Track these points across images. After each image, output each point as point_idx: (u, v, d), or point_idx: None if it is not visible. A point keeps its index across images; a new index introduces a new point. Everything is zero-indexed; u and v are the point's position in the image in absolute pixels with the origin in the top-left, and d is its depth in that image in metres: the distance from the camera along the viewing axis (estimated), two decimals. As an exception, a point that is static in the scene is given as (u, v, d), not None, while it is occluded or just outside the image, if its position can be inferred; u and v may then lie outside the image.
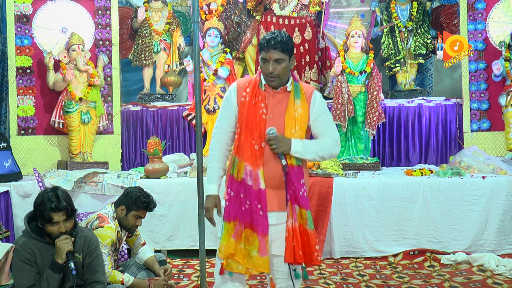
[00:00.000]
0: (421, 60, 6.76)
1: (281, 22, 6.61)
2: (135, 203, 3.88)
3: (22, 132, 5.95)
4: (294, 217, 2.85)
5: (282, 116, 2.90)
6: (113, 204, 3.99)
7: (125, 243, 4.16)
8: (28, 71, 5.95)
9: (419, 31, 6.69)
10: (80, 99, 5.76)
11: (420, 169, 5.67)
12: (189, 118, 6.46)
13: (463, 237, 5.12)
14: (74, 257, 3.09)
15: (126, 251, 4.47)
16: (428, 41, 6.68)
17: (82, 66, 5.75)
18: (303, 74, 6.65)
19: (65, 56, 5.74)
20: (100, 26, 6.18)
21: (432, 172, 5.62)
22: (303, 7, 6.65)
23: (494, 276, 4.57)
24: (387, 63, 6.86)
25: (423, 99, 6.57)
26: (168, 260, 4.76)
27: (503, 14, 6.36)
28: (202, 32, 6.43)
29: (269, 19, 6.65)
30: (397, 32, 6.70)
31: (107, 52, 6.19)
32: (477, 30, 6.41)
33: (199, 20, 6.34)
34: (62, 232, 3.03)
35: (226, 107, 2.99)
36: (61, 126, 5.88)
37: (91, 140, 5.93)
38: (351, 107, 5.97)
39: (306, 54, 6.65)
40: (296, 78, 3.00)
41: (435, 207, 5.14)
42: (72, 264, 3.00)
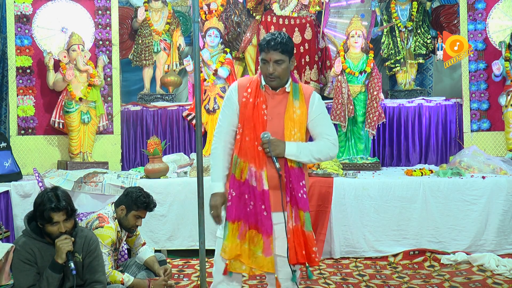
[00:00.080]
0: (421, 60, 6.76)
1: (281, 22, 6.62)
2: (135, 203, 3.88)
3: (22, 132, 5.95)
4: (294, 218, 2.86)
5: (281, 118, 2.90)
6: (113, 204, 3.99)
7: (125, 243, 4.16)
8: (28, 71, 5.95)
9: (419, 31, 6.70)
10: (80, 99, 5.76)
11: (420, 169, 5.67)
12: (189, 118, 6.46)
13: (463, 237, 5.12)
14: (74, 257, 3.09)
15: (126, 251, 4.47)
16: (428, 41, 6.68)
17: (82, 66, 5.75)
18: (303, 74, 6.65)
19: (65, 56, 5.74)
20: (100, 26, 6.19)
21: (432, 172, 5.62)
22: (303, 7, 6.65)
23: (494, 276, 4.57)
24: (387, 63, 6.86)
25: (423, 99, 6.57)
26: (168, 260, 4.76)
27: (503, 14, 6.36)
28: (202, 32, 6.43)
29: (269, 19, 6.65)
30: (397, 32, 6.70)
31: (107, 52, 6.19)
32: (477, 30, 6.41)
33: (199, 20, 6.34)
34: (62, 232, 3.03)
35: (228, 106, 2.99)
36: (61, 126, 5.88)
37: (91, 140, 5.93)
38: (351, 107, 5.97)
39: (306, 54, 6.65)
40: (296, 79, 3.00)
41: (435, 207, 5.14)
42: (72, 264, 3.00)
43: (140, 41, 6.64)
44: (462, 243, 5.11)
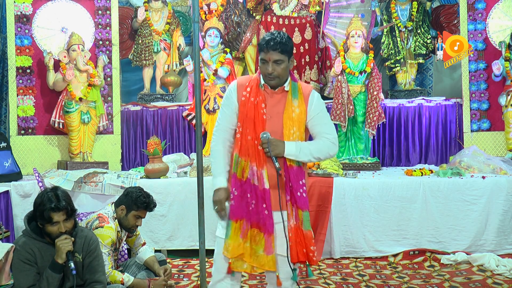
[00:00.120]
0: (421, 60, 6.76)
1: (281, 22, 6.62)
2: (135, 203, 3.88)
3: (22, 132, 5.95)
4: (294, 217, 2.87)
5: (280, 117, 2.91)
6: (113, 204, 3.99)
7: (125, 243, 4.16)
8: (28, 71, 5.95)
9: (419, 31, 6.69)
10: (80, 99, 5.76)
11: (420, 169, 5.67)
12: (189, 118, 6.46)
13: (463, 237, 5.12)
14: (74, 257, 3.09)
15: (126, 251, 4.47)
16: (428, 41, 6.68)
17: (82, 66, 5.75)
18: (303, 74, 6.65)
19: (65, 56, 5.74)
20: (100, 26, 6.19)
21: (432, 172, 5.62)
22: (303, 7, 6.65)
23: (494, 276, 4.57)
24: (387, 63, 6.86)
25: (423, 99, 6.57)
26: (168, 260, 4.76)
27: (503, 14, 6.36)
28: (202, 32, 6.43)
29: (269, 19, 6.65)
30: (397, 32, 6.70)
31: (107, 52, 6.19)
32: (477, 30, 6.41)
33: (199, 20, 6.34)
34: (62, 232, 3.03)
35: (227, 105, 3.00)
36: (61, 126, 5.88)
37: (91, 140, 5.93)
38: (351, 107, 5.97)
39: (306, 54, 6.65)
40: (295, 78, 3.00)
41: (435, 207, 5.14)
42: (72, 264, 3.00)
43: (140, 41, 6.64)
44: (462, 243, 5.11)
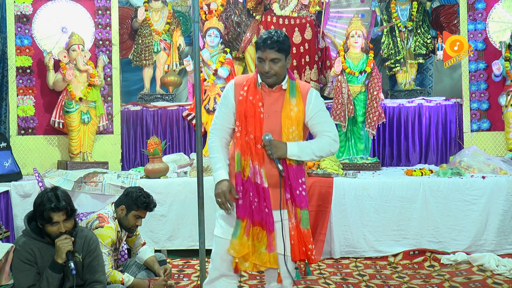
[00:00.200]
0: (421, 60, 6.76)
1: (281, 22, 6.62)
2: (135, 203, 3.88)
3: (22, 132, 5.95)
4: (294, 215, 2.88)
5: (278, 115, 2.91)
6: (113, 204, 3.99)
7: (125, 243, 4.16)
8: (28, 71, 5.95)
9: (419, 31, 6.70)
10: (80, 99, 5.76)
11: (420, 169, 5.67)
12: (189, 118, 6.46)
13: (463, 237, 5.12)
14: (74, 257, 3.09)
15: (126, 251, 4.47)
16: (428, 41, 6.68)
17: (82, 66, 5.75)
18: (303, 74, 6.65)
19: (65, 56, 5.74)
20: (100, 26, 6.19)
21: (432, 172, 5.62)
22: (303, 7, 6.65)
23: (494, 276, 4.57)
24: (387, 63, 6.86)
25: (423, 99, 6.57)
26: (168, 260, 4.76)
27: (503, 14, 6.36)
28: (202, 32, 6.43)
29: (269, 19, 6.65)
30: (397, 32, 6.70)
31: (107, 52, 6.19)
32: (477, 30, 6.41)
33: (199, 20, 6.34)
34: (62, 232, 3.03)
35: (224, 104, 3.00)
36: (61, 126, 5.88)
37: (91, 140, 5.93)
38: (351, 107, 5.97)
39: (306, 54, 6.66)
40: (292, 76, 3.00)
41: (435, 207, 5.14)
42: (72, 264, 3.00)
43: (140, 41, 6.64)
44: (462, 243, 5.10)
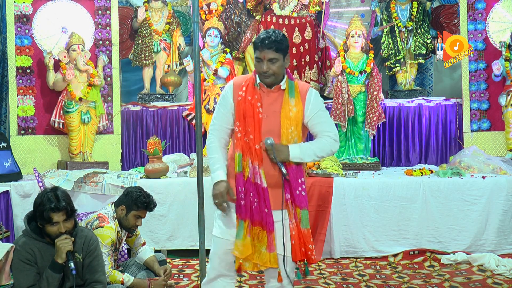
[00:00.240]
0: (421, 60, 6.76)
1: (281, 22, 6.62)
2: (135, 203, 3.88)
3: (22, 132, 5.95)
4: (294, 216, 2.89)
5: (277, 116, 2.90)
6: (113, 204, 3.99)
7: (125, 243, 4.16)
8: (28, 71, 5.95)
9: (419, 31, 6.70)
10: (80, 99, 5.76)
11: (420, 169, 5.67)
12: (189, 118, 6.46)
13: (463, 237, 5.12)
14: (74, 257, 3.09)
15: (126, 251, 4.47)
16: (428, 41, 6.68)
17: (82, 66, 5.75)
18: (303, 74, 6.65)
19: (65, 56, 5.74)
20: (100, 26, 6.19)
21: (432, 172, 5.62)
22: (303, 7, 6.65)
23: (494, 276, 4.57)
24: (387, 63, 6.86)
25: (423, 99, 6.57)
26: (168, 260, 4.76)
27: (503, 14, 6.36)
28: (202, 32, 6.43)
29: (269, 19, 6.65)
30: (397, 32, 6.70)
31: (107, 52, 6.19)
32: (477, 30, 6.41)
33: (199, 20, 6.34)
34: (62, 232, 3.03)
35: (223, 105, 3.00)
36: (61, 126, 5.88)
37: (91, 140, 5.93)
38: (351, 107, 5.97)
39: (306, 54, 6.66)
40: (291, 76, 2.99)
41: (435, 207, 5.14)
42: (72, 264, 3.00)
43: (140, 41, 6.64)
44: (462, 243, 5.11)
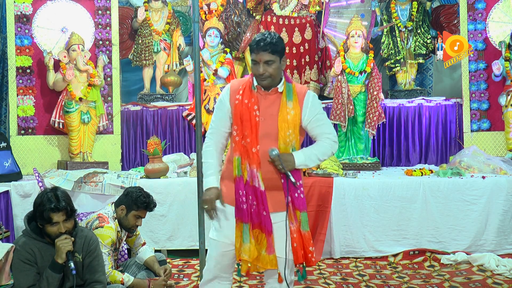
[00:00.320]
0: (421, 60, 6.76)
1: (281, 22, 6.62)
2: (135, 203, 3.88)
3: (22, 132, 5.95)
4: (294, 218, 2.89)
5: (275, 119, 2.89)
6: (113, 204, 3.99)
7: (125, 243, 4.16)
8: (28, 71, 5.95)
9: (419, 31, 6.70)
10: (80, 99, 5.76)
11: (420, 169, 5.67)
12: (189, 118, 6.46)
13: (463, 237, 5.12)
14: (74, 257, 3.09)
15: (126, 251, 4.47)
16: (428, 41, 6.68)
17: (82, 66, 5.75)
18: (303, 74, 6.65)
19: (65, 56, 5.74)
20: (100, 26, 6.19)
21: (432, 172, 5.62)
22: (303, 7, 6.66)
23: (494, 276, 4.58)
24: (387, 63, 6.87)
25: (423, 99, 6.57)
26: (168, 260, 4.76)
27: (503, 14, 6.36)
28: (202, 32, 6.43)
29: (269, 19, 6.65)
30: (397, 32, 6.70)
31: (107, 52, 6.19)
32: (477, 30, 6.41)
33: (199, 20, 6.34)
34: (62, 232, 3.03)
35: (220, 109, 3.00)
36: (61, 126, 5.88)
37: (91, 140, 5.93)
38: (351, 107, 5.97)
39: (306, 54, 6.66)
40: (289, 79, 2.98)
41: (435, 207, 5.14)
42: (72, 264, 3.00)
43: (140, 41, 6.64)
44: (462, 243, 5.11)
